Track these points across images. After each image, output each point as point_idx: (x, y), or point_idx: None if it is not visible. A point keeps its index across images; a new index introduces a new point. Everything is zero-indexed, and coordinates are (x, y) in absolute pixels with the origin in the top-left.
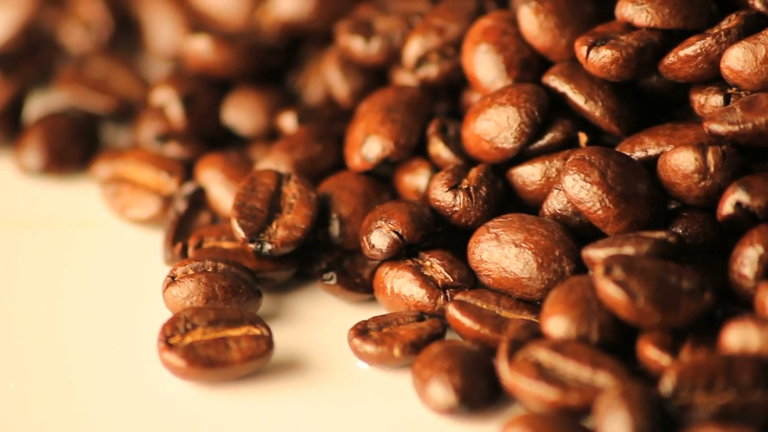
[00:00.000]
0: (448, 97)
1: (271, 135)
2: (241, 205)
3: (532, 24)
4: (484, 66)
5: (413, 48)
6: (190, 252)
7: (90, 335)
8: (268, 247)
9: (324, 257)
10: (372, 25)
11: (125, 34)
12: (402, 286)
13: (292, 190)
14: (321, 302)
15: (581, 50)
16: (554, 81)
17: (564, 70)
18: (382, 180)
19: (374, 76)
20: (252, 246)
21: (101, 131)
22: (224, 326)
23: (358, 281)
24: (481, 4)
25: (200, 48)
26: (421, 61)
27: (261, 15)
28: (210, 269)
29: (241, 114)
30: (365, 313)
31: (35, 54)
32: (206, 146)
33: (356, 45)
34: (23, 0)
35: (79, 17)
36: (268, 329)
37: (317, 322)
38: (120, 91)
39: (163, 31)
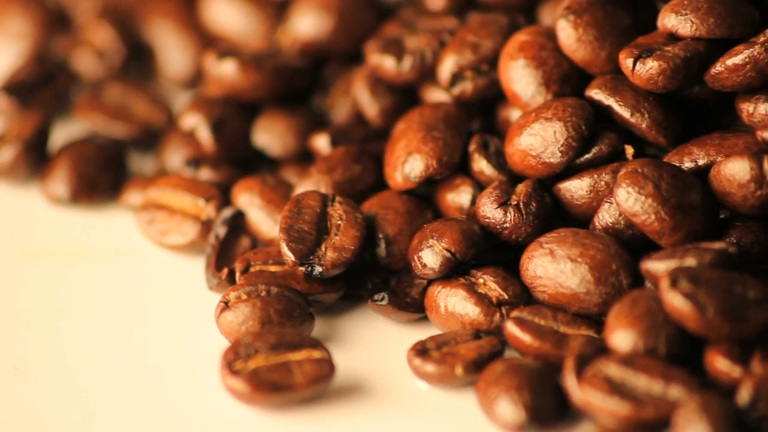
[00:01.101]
0: (480, 114)
1: (302, 156)
2: (289, 228)
3: (570, 37)
4: (523, 81)
5: (448, 65)
6: (238, 277)
7: (143, 363)
8: (318, 269)
9: (371, 278)
10: (402, 43)
11: (137, 60)
12: (456, 304)
13: (338, 212)
14: (370, 322)
15: (626, 62)
16: (598, 94)
17: (607, 83)
18: (423, 199)
19: (403, 95)
20: (302, 269)
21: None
22: (285, 350)
23: (408, 301)
24: (514, 20)
25: (227, 71)
26: (456, 78)
27: (280, 36)
28: (263, 293)
29: (271, 136)
30: (416, 332)
31: (51, 82)
32: (237, 170)
33: (388, 64)
34: (31, 29)
35: (90, 44)
36: (328, 352)
37: (370, 342)
38: (141, 118)
39: (175, 56)
